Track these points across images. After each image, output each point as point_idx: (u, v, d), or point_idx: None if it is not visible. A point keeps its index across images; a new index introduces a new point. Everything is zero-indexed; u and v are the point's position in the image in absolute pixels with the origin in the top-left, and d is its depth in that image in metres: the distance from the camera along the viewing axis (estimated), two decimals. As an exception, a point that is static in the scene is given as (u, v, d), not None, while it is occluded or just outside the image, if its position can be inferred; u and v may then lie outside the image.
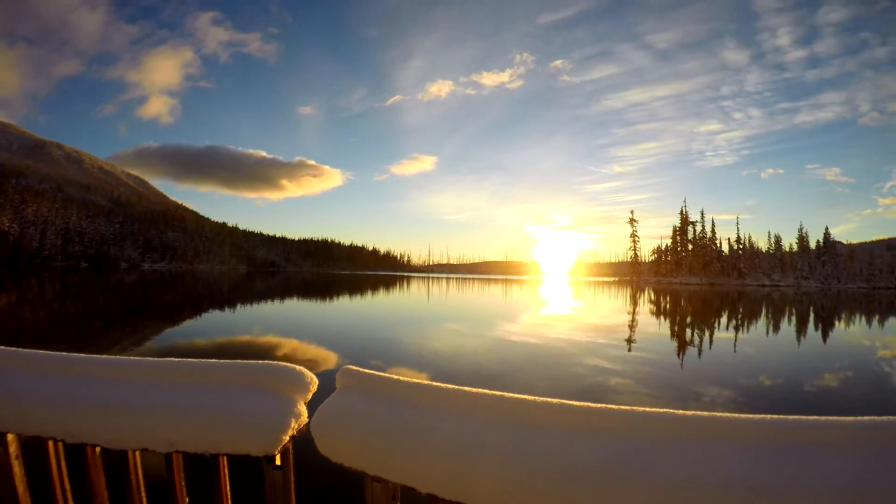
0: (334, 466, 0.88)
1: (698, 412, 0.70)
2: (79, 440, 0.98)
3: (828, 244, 73.99)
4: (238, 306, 17.12)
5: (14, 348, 1.10)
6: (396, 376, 0.92)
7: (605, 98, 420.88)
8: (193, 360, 1.01)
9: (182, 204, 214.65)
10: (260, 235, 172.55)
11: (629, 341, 10.29)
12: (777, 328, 14.53)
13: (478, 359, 7.88)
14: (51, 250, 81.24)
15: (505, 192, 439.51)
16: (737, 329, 13.99)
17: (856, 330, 14.71)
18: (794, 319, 17.94)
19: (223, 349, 7.75)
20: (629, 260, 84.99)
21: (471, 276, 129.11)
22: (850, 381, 6.85)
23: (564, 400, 0.78)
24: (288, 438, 0.91)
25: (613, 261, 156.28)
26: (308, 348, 8.13)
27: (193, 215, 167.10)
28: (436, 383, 0.88)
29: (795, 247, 77.06)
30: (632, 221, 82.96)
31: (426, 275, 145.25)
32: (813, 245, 75.53)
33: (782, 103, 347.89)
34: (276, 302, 19.99)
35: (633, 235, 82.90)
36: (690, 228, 79.34)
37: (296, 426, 0.93)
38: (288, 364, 0.98)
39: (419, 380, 0.90)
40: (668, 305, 24.83)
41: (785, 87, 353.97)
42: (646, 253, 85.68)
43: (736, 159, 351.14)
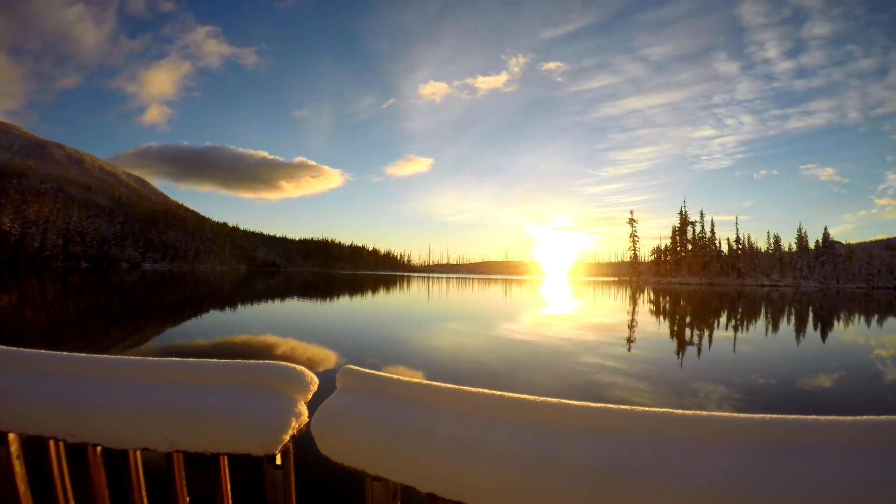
0: (335, 466, 0.88)
1: (698, 412, 0.70)
2: (80, 440, 0.98)
3: (827, 244, 73.97)
4: (239, 306, 17.12)
5: (15, 348, 1.11)
6: (397, 376, 0.92)
7: (603, 106, 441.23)
8: (194, 360, 1.01)
9: (183, 204, 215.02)
10: (260, 235, 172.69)
11: (629, 340, 10.29)
12: (776, 328, 14.52)
13: (479, 357, 7.94)
14: (52, 250, 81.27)
15: (505, 194, 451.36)
16: (735, 329, 13.99)
17: (855, 329, 14.70)
18: (793, 319, 17.94)
19: (224, 349, 7.76)
20: (629, 260, 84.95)
21: (471, 276, 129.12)
22: (849, 381, 6.85)
23: (564, 400, 0.78)
24: (288, 438, 0.92)
25: (613, 261, 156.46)
26: (308, 348, 8.13)
27: (194, 215, 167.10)
28: (436, 383, 0.88)
29: (794, 247, 77.06)
30: (631, 221, 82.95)
31: (426, 275, 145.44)
32: (812, 245, 75.55)
33: (773, 110, 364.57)
34: (277, 302, 19.98)
35: (633, 235, 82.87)
36: (690, 228, 79.36)
37: (296, 426, 0.93)
38: (288, 364, 0.99)
39: (420, 379, 0.91)
40: (667, 305, 24.82)
41: (775, 96, 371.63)
42: (645, 253, 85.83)
43: (731, 163, 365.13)
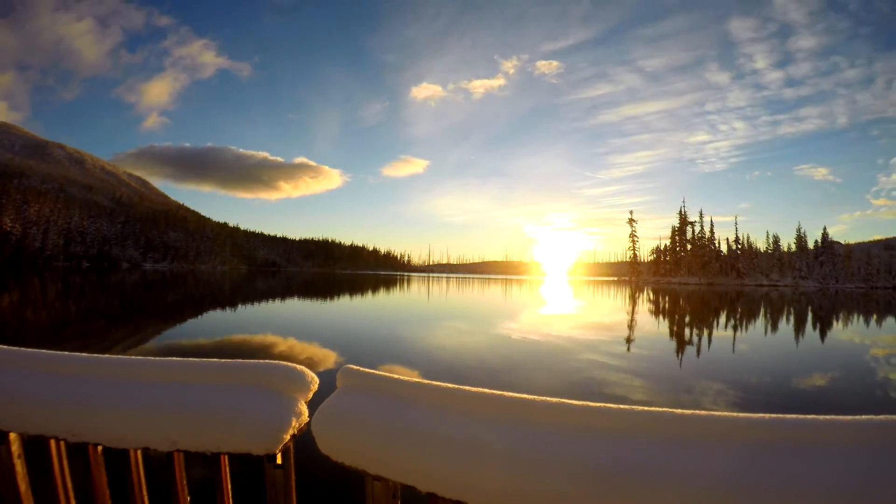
0: (335, 465, 0.88)
1: (697, 412, 0.70)
2: (81, 439, 0.98)
3: (826, 244, 73.97)
4: (239, 306, 17.12)
5: (16, 348, 1.11)
6: (397, 376, 0.92)
7: (602, 113, 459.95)
8: (195, 360, 1.01)
9: (183, 204, 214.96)
10: (261, 236, 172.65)
11: (627, 340, 10.29)
12: (775, 327, 14.52)
13: (481, 354, 8.03)
14: (53, 250, 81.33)
15: (506, 196, 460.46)
16: (735, 328, 13.99)
17: (853, 329, 14.69)
18: (792, 319, 17.93)
19: (224, 348, 7.76)
20: (628, 260, 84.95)
21: (471, 276, 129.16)
22: (847, 380, 6.84)
23: (564, 399, 0.78)
24: (289, 437, 0.92)
25: (613, 261, 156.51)
26: (309, 348, 8.13)
27: (195, 215, 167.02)
28: (436, 383, 0.88)
29: (794, 247, 77.02)
30: (630, 222, 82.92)
31: (426, 274, 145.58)
32: (811, 245, 75.52)
33: (764, 116, 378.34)
34: (278, 301, 19.99)
35: (632, 235, 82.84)
36: (689, 228, 79.34)
37: (297, 425, 0.93)
38: (289, 363, 0.99)
39: (421, 378, 0.91)
40: (666, 305, 24.81)
41: (765, 103, 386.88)
42: (645, 253, 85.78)
43: (725, 166, 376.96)
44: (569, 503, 0.67)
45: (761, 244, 79.20)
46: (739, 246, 76.25)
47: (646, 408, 0.72)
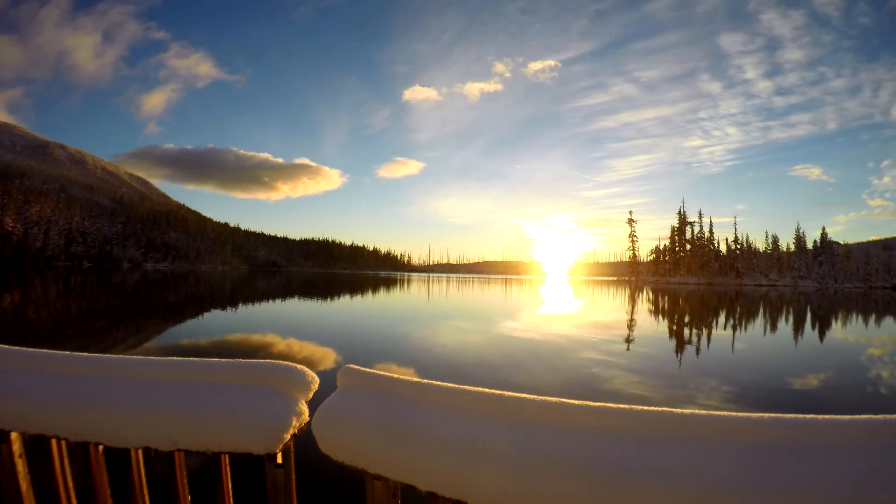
0: (335, 465, 0.89)
1: (697, 411, 0.70)
2: (82, 438, 0.98)
3: (825, 244, 73.94)
4: (240, 306, 17.12)
5: (17, 347, 1.11)
6: (397, 375, 0.92)
7: (600, 119, 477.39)
8: (196, 359, 1.02)
9: (184, 205, 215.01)
10: (261, 236, 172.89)
11: (627, 340, 10.29)
12: (773, 327, 14.50)
13: (482, 352, 8.09)
14: (54, 250, 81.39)
15: (506, 198, 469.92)
16: (734, 328, 13.98)
17: (853, 329, 14.67)
18: (791, 318, 17.91)
19: (225, 348, 7.76)
20: (628, 260, 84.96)
21: (471, 276, 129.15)
22: (847, 379, 6.83)
23: (564, 399, 0.78)
24: (289, 437, 0.92)
25: (613, 261, 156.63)
26: (309, 347, 8.13)
27: (196, 216, 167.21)
28: (436, 382, 0.88)
29: (792, 247, 76.97)
30: (630, 222, 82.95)
31: (426, 274, 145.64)
32: (810, 245, 75.50)
33: (756, 123, 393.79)
34: (278, 301, 19.99)
35: (632, 236, 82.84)
36: (688, 229, 79.31)
37: (297, 425, 0.93)
38: (289, 363, 0.99)
39: (422, 377, 0.91)
40: (666, 304, 24.79)
41: (756, 110, 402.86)
42: (644, 253, 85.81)
43: (720, 169, 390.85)
44: (569, 503, 0.67)
45: (760, 244, 79.35)
46: (738, 246, 76.21)
47: (646, 408, 0.72)
